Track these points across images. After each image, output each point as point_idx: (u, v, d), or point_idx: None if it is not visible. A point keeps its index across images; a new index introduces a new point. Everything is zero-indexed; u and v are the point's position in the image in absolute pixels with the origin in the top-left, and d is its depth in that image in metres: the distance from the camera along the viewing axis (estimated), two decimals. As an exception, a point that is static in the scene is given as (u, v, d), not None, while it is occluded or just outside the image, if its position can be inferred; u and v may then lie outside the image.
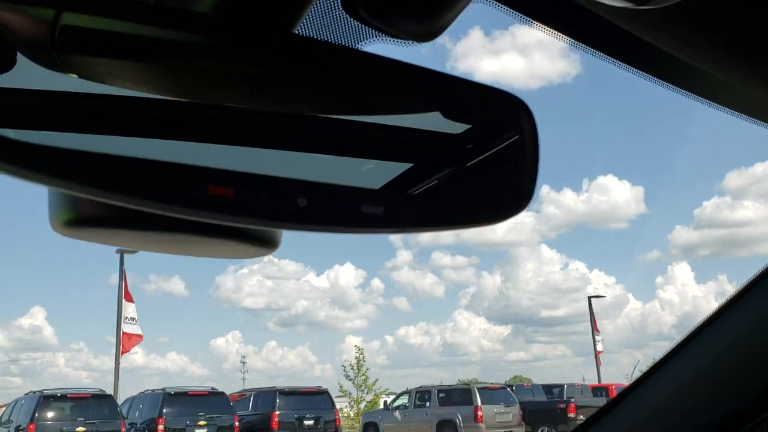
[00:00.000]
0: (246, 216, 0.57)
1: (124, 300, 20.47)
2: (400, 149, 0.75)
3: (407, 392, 21.58)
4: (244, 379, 53.82)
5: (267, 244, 0.68)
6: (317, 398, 17.91)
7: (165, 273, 65.43)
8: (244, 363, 56.85)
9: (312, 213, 0.59)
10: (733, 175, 62.32)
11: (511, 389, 20.91)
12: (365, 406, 29.68)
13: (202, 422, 15.47)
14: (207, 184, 0.55)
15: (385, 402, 24.13)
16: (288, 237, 0.69)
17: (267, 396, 17.84)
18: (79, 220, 0.61)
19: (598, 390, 22.19)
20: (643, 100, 55.17)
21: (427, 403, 19.86)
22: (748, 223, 55.08)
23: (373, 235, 0.65)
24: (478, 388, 19.36)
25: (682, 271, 60.75)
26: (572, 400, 20.09)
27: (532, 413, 19.90)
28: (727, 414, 1.12)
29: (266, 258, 0.87)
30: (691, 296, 59.08)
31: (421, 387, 21.12)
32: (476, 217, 0.69)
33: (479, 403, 18.31)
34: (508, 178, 0.69)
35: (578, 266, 59.90)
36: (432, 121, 0.71)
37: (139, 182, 0.53)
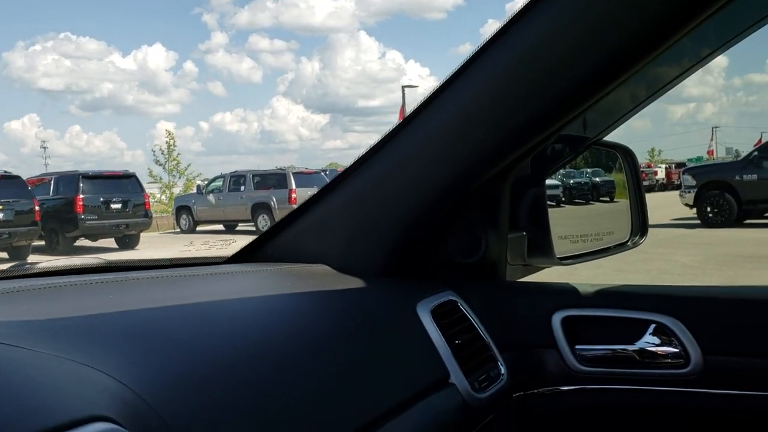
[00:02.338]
0: None
1: None
2: None
3: (221, 176, 21.44)
4: (46, 164, 50.70)
5: None
6: (124, 182, 17.23)
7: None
8: (44, 148, 53.20)
9: None
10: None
11: (325, 174, 21.43)
12: (180, 192, 29.39)
13: (-5, 207, 14.42)
14: None
15: (199, 186, 23.89)
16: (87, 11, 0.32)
17: (69, 180, 16.82)
18: None
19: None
20: None
21: (242, 187, 19.94)
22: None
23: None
24: (293, 173, 19.58)
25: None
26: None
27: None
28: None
29: (61, 35, 0.49)
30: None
31: (236, 171, 21.04)
32: None
33: (294, 186, 18.63)
34: None
35: (395, 56, 60.64)
36: None
37: None
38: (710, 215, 14.50)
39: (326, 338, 0.90)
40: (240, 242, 1.36)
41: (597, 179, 1.70)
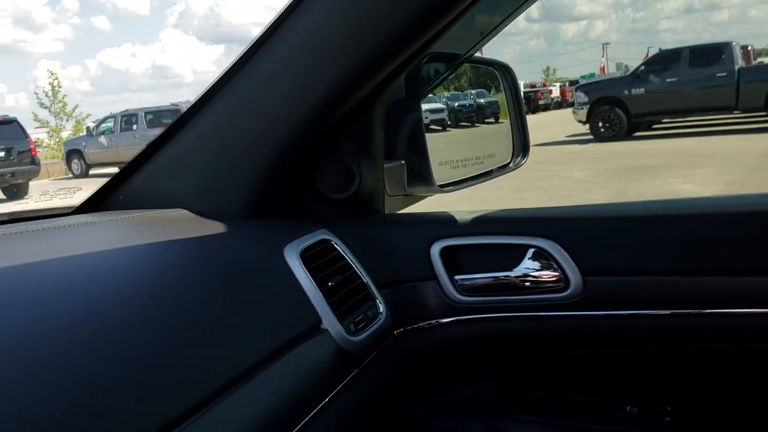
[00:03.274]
0: None
1: None
2: None
3: (112, 116, 20.44)
4: None
5: None
6: (5, 129, 16.09)
7: None
8: None
9: None
10: None
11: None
12: (69, 135, 27.88)
13: None
14: None
15: (89, 128, 22.70)
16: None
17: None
18: None
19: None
20: None
21: (135, 126, 19.12)
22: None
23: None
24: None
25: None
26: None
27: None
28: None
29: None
30: None
31: (126, 110, 20.09)
32: None
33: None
34: None
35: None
36: None
37: None
38: (602, 130, 15.03)
39: (185, 292, 0.82)
40: (87, 190, 1.22)
41: (481, 100, 1.65)
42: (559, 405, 1.17)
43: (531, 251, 1.09)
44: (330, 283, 0.98)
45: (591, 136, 15.23)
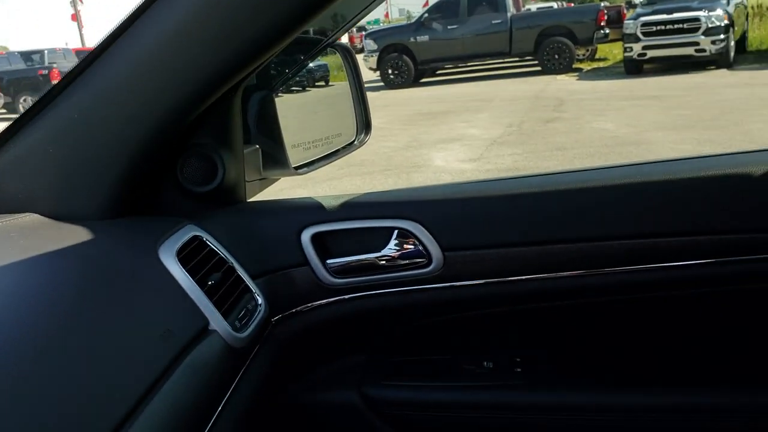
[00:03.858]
0: None
1: None
2: None
3: None
4: None
5: None
6: None
7: None
8: None
9: None
10: None
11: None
12: None
13: None
14: None
15: None
16: None
17: None
18: None
19: (84, 53, 21.16)
20: None
21: None
22: None
23: None
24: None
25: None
26: (54, 65, 18.96)
27: (11, 82, 18.38)
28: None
29: None
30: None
31: None
32: None
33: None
34: None
35: None
36: None
37: None
38: (392, 77, 15.57)
39: (62, 311, 0.75)
40: None
41: (311, 64, 1.67)
42: (424, 367, 1.28)
43: (396, 232, 1.16)
44: (210, 282, 0.98)
45: (382, 83, 15.72)
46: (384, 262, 1.17)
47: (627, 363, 1.25)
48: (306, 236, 1.16)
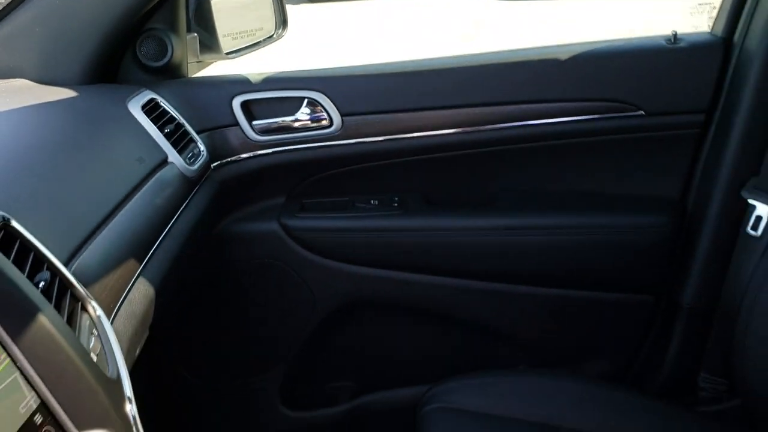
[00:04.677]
0: None
1: None
2: None
3: None
4: None
5: None
6: None
7: None
8: None
9: None
10: None
11: None
12: None
13: None
14: None
15: None
16: None
17: None
18: None
19: None
20: None
21: None
22: None
23: None
24: None
25: None
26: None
27: None
28: None
29: None
30: None
31: None
32: None
33: None
34: None
35: None
36: None
37: None
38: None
39: (59, 141, 1.02)
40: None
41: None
42: (327, 204, 1.67)
43: (305, 101, 1.53)
44: (166, 130, 1.33)
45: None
46: (297, 124, 1.54)
47: (479, 198, 1.67)
48: (236, 102, 1.51)
